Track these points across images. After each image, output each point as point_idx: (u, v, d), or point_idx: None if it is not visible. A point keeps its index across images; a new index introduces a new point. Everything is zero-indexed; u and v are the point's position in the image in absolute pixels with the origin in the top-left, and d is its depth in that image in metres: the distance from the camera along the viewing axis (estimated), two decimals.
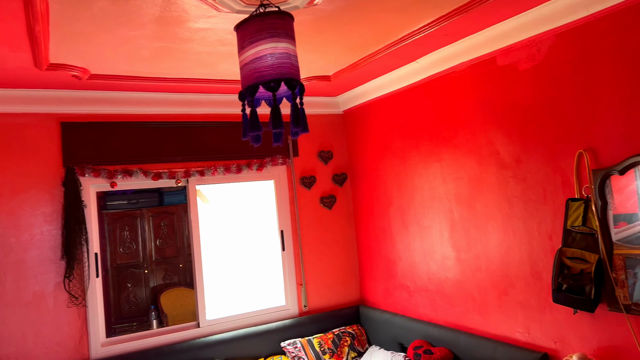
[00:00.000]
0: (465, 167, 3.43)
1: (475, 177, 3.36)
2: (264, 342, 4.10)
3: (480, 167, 3.31)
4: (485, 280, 3.32)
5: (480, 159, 3.31)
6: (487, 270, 3.30)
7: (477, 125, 3.31)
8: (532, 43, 2.89)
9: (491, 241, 3.26)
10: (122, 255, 6.36)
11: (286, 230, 4.43)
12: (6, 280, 3.40)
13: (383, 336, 4.19)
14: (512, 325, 3.14)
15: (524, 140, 2.99)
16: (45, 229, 3.53)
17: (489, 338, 3.26)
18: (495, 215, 3.21)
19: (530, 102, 2.93)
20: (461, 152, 3.45)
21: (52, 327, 3.51)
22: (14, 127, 3.49)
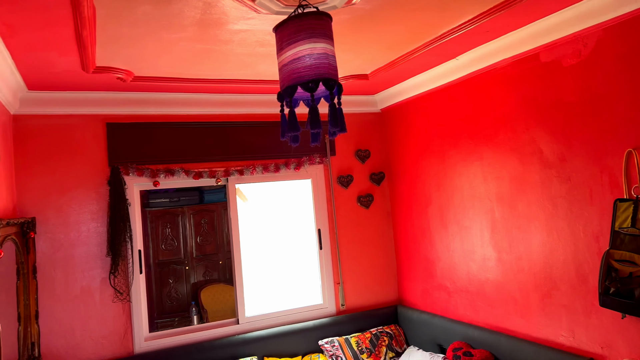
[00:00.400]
0: (507, 166, 3.35)
1: (517, 177, 3.28)
2: (302, 340, 4.13)
3: (523, 166, 3.23)
4: (527, 282, 3.24)
5: (522, 158, 3.23)
6: (529, 272, 3.22)
7: (519, 123, 3.23)
8: (578, 38, 2.80)
9: (534, 242, 3.18)
10: (164, 252, 6.53)
11: (323, 229, 4.45)
12: (56, 275, 3.55)
13: (421, 337, 4.15)
14: (555, 329, 3.05)
15: (568, 138, 2.90)
16: (91, 227, 3.67)
17: (531, 341, 3.18)
18: (539, 215, 3.12)
19: (576, 99, 2.84)
20: (502, 150, 3.38)
21: (99, 321, 3.64)
22: (63, 129, 3.63)
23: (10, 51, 2.67)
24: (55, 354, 3.49)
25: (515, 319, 3.35)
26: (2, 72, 2.81)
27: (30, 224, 3.30)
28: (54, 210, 3.57)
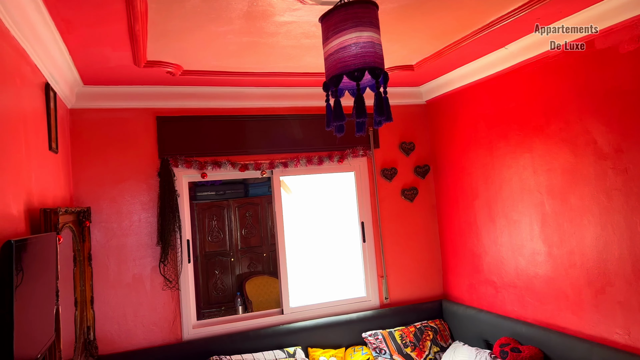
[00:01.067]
0: (559, 157, 3.24)
1: (569, 168, 3.16)
2: (345, 331, 4.14)
3: (576, 158, 3.11)
4: (579, 277, 3.13)
5: (575, 149, 3.11)
6: (582, 267, 3.11)
7: (571, 113, 3.12)
8: (636, 23, 2.67)
9: (587, 236, 3.06)
10: (211, 243, 6.68)
11: (367, 222, 4.44)
12: (109, 263, 3.70)
13: (467, 332, 4.08)
14: (610, 326, 2.94)
15: (625, 128, 2.77)
16: (142, 216, 3.79)
17: (584, 339, 3.07)
18: (592, 208, 3.01)
19: (634, 87, 2.71)
20: (554, 141, 3.27)
21: (149, 308, 3.76)
22: (116, 122, 3.77)
23: (68, 47, 2.79)
24: (109, 338, 3.64)
25: (567, 316, 3.24)
26: (60, 67, 2.94)
27: (86, 213, 3.45)
28: (108, 200, 3.71)
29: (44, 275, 2.00)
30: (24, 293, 1.66)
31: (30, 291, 1.76)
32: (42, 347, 1.97)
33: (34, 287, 1.82)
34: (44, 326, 2.00)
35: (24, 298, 1.65)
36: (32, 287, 1.78)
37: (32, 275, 1.78)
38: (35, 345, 1.85)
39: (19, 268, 1.61)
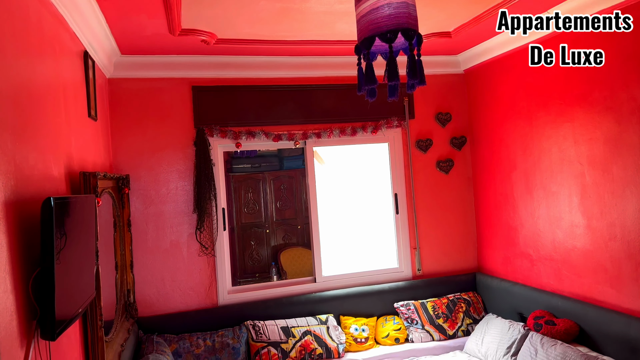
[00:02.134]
0: (602, 126, 3.11)
1: (612, 138, 3.04)
2: (377, 301, 4.17)
3: (620, 127, 2.98)
4: (620, 250, 3.03)
5: (619, 118, 2.98)
6: (622, 240, 3.01)
7: (617, 80, 2.98)
8: None
9: (629, 208, 2.95)
10: (247, 215, 6.79)
11: (400, 194, 4.40)
12: (148, 229, 3.81)
13: (501, 305, 4.03)
14: None
15: None
16: (179, 185, 3.88)
17: (623, 313, 2.99)
18: (636, 179, 2.89)
19: None
20: (597, 110, 3.14)
21: (186, 273, 3.88)
22: (152, 91, 3.84)
23: (105, 14, 2.84)
24: (147, 301, 3.78)
25: (605, 289, 3.16)
26: (98, 36, 3.00)
27: (125, 181, 3.55)
28: (146, 168, 3.81)
29: (83, 235, 2.08)
30: (64, 250, 1.73)
31: (70, 249, 1.83)
32: (83, 303, 2.06)
33: (74, 246, 1.90)
34: (84, 284, 2.09)
35: (64, 254, 1.73)
36: (71, 245, 1.85)
37: (71, 233, 1.85)
38: (77, 300, 1.94)
39: (59, 225, 1.67)
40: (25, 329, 1.59)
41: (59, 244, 1.65)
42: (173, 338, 3.61)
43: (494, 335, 3.64)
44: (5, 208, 1.51)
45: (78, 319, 2.18)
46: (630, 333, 2.87)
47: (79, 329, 2.32)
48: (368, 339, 3.95)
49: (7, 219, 1.52)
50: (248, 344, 3.73)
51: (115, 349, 2.93)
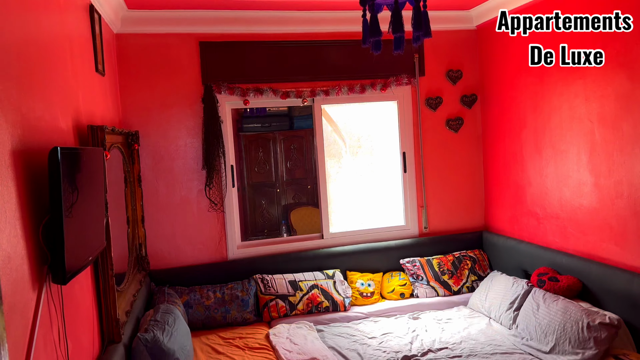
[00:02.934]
0: (614, 83, 3.05)
1: (624, 94, 2.99)
2: (383, 257, 4.24)
3: (632, 83, 2.93)
4: (626, 208, 3.02)
5: (632, 74, 2.92)
6: (629, 198, 3.00)
7: (631, 36, 2.90)
8: None
9: (637, 165, 2.93)
10: (257, 174, 6.84)
11: (409, 152, 4.40)
12: (158, 185, 3.88)
13: (506, 262, 4.08)
14: None
15: None
16: (188, 141, 3.92)
17: (626, 269, 3.02)
18: None
19: None
20: (610, 66, 3.07)
21: (196, 228, 3.96)
22: (160, 47, 3.83)
23: None
24: (159, 255, 3.88)
25: (609, 247, 3.17)
26: None
27: (134, 136, 3.59)
28: (155, 125, 3.84)
29: (92, 187, 2.13)
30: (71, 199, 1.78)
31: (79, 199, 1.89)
32: (93, 252, 2.14)
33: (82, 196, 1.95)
34: (94, 234, 2.15)
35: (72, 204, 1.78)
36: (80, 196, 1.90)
37: (79, 184, 1.90)
38: (86, 249, 2.00)
39: (67, 175, 1.72)
40: (37, 273, 1.66)
41: (67, 192, 1.70)
42: (184, 290, 3.72)
43: (498, 291, 3.70)
44: (12, 157, 1.55)
45: (88, 266, 2.26)
46: (632, 289, 2.90)
47: (90, 277, 2.41)
48: (374, 294, 4.04)
49: (15, 167, 1.56)
50: (257, 297, 3.84)
51: (127, 298, 3.04)
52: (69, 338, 1.91)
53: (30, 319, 1.58)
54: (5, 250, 1.44)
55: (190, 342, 3.09)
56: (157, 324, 2.82)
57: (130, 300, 3.09)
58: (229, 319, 3.70)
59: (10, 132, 1.55)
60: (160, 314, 2.97)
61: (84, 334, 2.21)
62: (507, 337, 3.32)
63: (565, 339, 2.93)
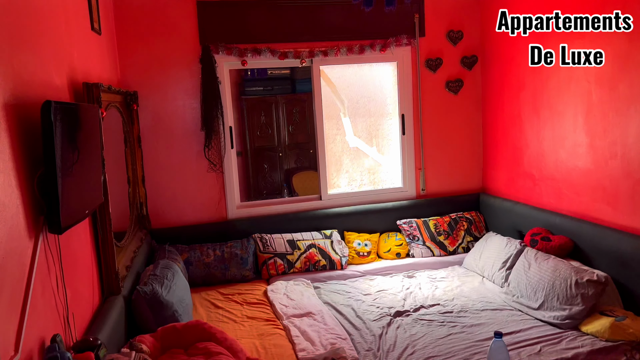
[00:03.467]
0: (612, 43, 3.02)
1: (622, 55, 2.96)
2: (381, 219, 4.30)
3: (630, 43, 2.90)
4: (619, 168, 3.04)
5: (630, 35, 2.89)
6: (622, 158, 3.01)
7: None
8: None
9: (632, 126, 2.93)
10: (259, 138, 6.86)
11: (407, 114, 4.40)
12: (158, 145, 3.93)
13: (502, 224, 4.13)
14: None
15: None
16: (187, 102, 3.94)
17: (616, 229, 3.06)
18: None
19: None
20: None
21: (196, 188, 4.03)
22: (158, 6, 3.81)
23: None
24: (160, 214, 3.96)
25: (601, 207, 3.21)
26: None
27: (133, 97, 3.62)
28: (153, 85, 3.86)
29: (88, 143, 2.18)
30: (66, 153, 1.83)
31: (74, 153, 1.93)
32: (91, 206, 2.20)
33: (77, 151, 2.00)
34: (91, 188, 2.21)
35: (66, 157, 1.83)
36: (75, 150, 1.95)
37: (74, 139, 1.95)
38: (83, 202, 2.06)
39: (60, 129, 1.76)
40: (33, 223, 1.73)
41: (60, 146, 1.74)
42: (184, 248, 3.82)
43: (492, 251, 3.76)
44: (5, 109, 1.59)
45: (86, 220, 2.34)
46: (621, 248, 2.95)
47: (89, 231, 2.48)
48: (370, 253, 4.12)
49: (8, 120, 1.60)
50: (256, 255, 3.93)
51: (128, 254, 3.14)
52: (67, 287, 2.00)
53: (27, 266, 1.65)
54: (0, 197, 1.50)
55: (189, 296, 3.20)
56: (156, 278, 2.92)
57: (131, 256, 3.18)
58: (228, 276, 3.80)
59: (1, 86, 1.58)
60: (160, 269, 3.07)
61: (84, 285, 2.30)
62: (498, 295, 3.40)
63: (554, 295, 3.00)
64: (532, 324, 2.96)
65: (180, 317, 2.85)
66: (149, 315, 2.76)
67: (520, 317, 3.06)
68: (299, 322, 3.07)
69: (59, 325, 1.88)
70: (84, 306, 2.26)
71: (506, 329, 2.89)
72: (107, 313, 2.39)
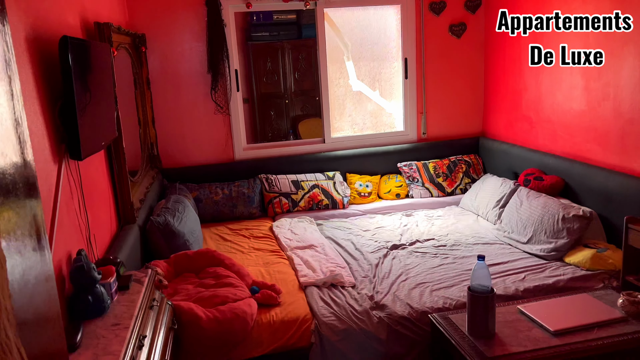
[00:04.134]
0: None
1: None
2: (382, 161, 4.45)
3: None
4: (611, 109, 3.15)
5: None
6: (614, 99, 3.11)
7: None
8: None
9: (625, 67, 3.01)
10: (266, 85, 6.94)
11: (410, 58, 4.46)
12: (167, 88, 4.05)
13: (499, 166, 4.27)
14: (631, 156, 3.02)
15: None
16: (193, 45, 4.04)
17: (605, 168, 3.20)
18: (635, 38, 2.91)
19: None
20: None
21: (203, 130, 4.18)
22: None
23: None
24: (170, 155, 4.14)
25: (593, 147, 3.33)
26: None
27: (141, 39, 3.72)
28: (161, 28, 3.94)
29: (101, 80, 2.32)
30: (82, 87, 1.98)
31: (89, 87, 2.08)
32: (106, 139, 2.37)
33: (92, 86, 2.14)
34: (105, 122, 2.37)
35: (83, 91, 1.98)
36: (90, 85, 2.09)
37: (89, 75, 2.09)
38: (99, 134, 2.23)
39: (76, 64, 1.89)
40: (56, 149, 1.90)
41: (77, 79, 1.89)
42: (194, 186, 4.01)
43: (487, 191, 3.93)
44: (26, 43, 1.73)
45: (102, 150, 2.52)
46: (608, 185, 3.09)
47: (105, 164, 2.66)
48: (371, 194, 4.31)
49: (30, 52, 1.75)
50: (262, 194, 4.13)
51: (141, 190, 3.33)
52: (88, 211, 2.19)
53: (53, 186, 1.84)
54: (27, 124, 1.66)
55: (199, 229, 3.42)
56: (169, 210, 3.13)
57: (144, 191, 3.38)
58: (236, 213, 4.01)
59: (22, 20, 1.71)
60: (172, 203, 3.27)
61: (102, 212, 2.50)
62: (490, 231, 3.59)
63: (542, 230, 3.18)
64: (519, 256, 3.15)
65: (191, 246, 3.08)
66: (162, 244, 2.98)
67: (510, 250, 3.26)
68: (302, 253, 3.28)
69: (82, 243, 2.09)
70: (103, 231, 2.47)
71: (495, 260, 3.09)
72: (124, 239, 2.60)
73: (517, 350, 2.14)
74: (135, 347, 1.67)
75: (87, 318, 1.76)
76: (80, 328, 1.66)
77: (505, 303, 2.53)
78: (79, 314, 1.75)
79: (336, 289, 2.79)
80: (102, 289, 1.82)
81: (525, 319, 2.36)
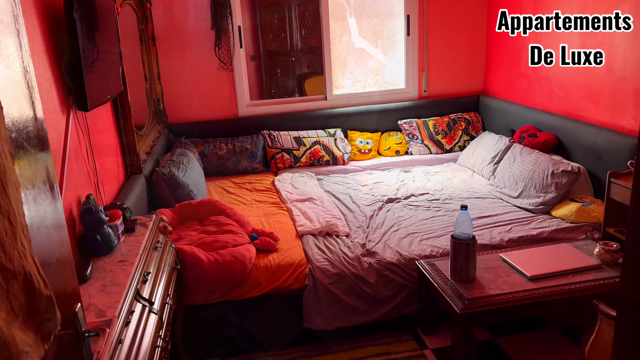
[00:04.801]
0: None
1: None
2: (383, 118, 4.54)
3: None
4: (604, 67, 3.20)
5: None
6: (608, 58, 3.16)
7: None
8: None
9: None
10: (272, 42, 6.96)
11: (412, 15, 4.48)
12: (171, 43, 4.13)
13: (497, 123, 4.35)
14: (621, 114, 3.10)
15: None
16: (197, 1, 4.09)
17: (595, 125, 3.27)
18: None
19: None
20: None
21: (208, 86, 4.28)
22: None
23: None
24: (175, 110, 4.26)
25: (586, 105, 3.40)
26: None
27: None
28: None
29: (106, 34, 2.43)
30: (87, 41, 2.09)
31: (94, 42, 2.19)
32: (112, 92, 2.50)
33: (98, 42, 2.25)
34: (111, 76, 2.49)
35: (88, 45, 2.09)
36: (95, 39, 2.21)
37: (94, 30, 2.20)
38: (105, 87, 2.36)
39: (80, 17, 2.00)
40: (64, 101, 2.03)
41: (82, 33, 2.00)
42: (199, 141, 4.16)
43: (484, 147, 4.02)
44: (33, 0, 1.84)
45: (108, 102, 2.65)
46: (598, 142, 3.18)
47: (112, 117, 2.80)
48: (371, 151, 4.42)
49: (37, 9, 1.86)
50: (265, 150, 4.26)
51: (147, 143, 3.48)
52: (96, 159, 2.34)
53: (62, 135, 1.99)
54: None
55: (203, 181, 3.58)
56: (174, 163, 3.28)
57: (150, 144, 3.53)
58: (240, 168, 4.16)
59: None
60: (177, 156, 3.43)
61: (110, 162, 2.66)
62: (484, 186, 3.71)
63: (532, 185, 3.30)
64: (509, 209, 3.28)
65: (195, 197, 3.25)
66: (168, 194, 3.15)
67: (500, 204, 3.38)
68: (301, 205, 3.44)
69: (91, 189, 2.25)
70: (111, 180, 2.63)
71: (485, 213, 3.23)
72: (131, 188, 2.77)
73: (494, 292, 2.30)
74: (140, 281, 1.85)
75: (95, 255, 1.94)
76: (90, 263, 1.84)
77: (490, 251, 2.68)
78: (88, 251, 1.93)
79: (331, 238, 2.95)
80: (110, 230, 1.99)
81: (506, 266, 2.51)
